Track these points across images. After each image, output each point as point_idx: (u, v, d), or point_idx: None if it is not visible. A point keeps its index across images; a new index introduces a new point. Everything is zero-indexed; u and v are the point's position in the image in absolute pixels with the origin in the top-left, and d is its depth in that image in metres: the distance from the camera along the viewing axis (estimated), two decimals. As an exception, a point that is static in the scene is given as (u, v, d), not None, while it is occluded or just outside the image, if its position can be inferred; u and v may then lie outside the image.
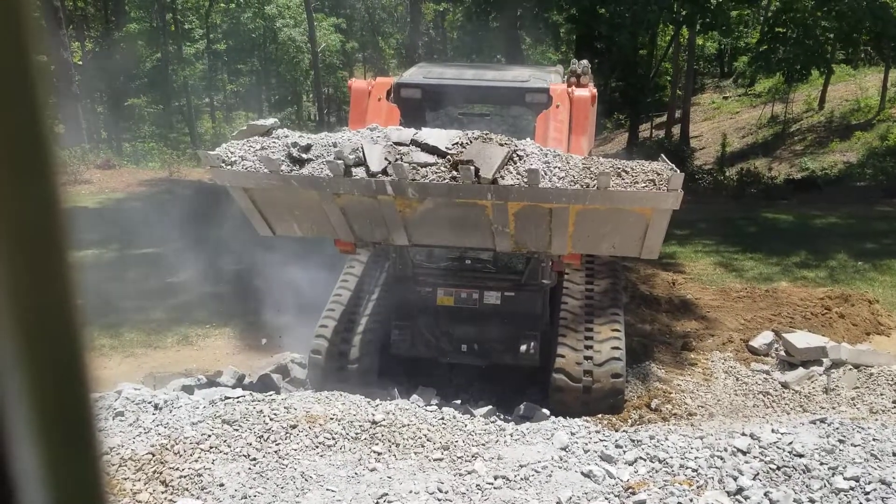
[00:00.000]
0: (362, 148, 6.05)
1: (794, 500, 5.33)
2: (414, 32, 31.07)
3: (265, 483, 5.44)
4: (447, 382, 8.64)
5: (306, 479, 5.48)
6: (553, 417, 7.18)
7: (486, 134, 6.14)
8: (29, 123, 0.66)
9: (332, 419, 6.18)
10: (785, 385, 8.60)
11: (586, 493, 5.41)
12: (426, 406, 7.00)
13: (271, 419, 6.11)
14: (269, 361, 9.05)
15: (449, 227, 6.42)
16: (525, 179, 5.80)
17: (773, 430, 6.25)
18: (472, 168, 5.80)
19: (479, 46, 24.46)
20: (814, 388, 8.56)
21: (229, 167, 6.17)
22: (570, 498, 5.33)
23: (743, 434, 6.23)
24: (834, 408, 8.01)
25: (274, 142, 6.36)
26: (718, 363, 9.04)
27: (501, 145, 5.97)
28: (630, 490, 5.50)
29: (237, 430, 5.98)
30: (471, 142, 6.01)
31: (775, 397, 8.42)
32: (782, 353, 9.18)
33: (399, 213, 6.25)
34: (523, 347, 7.56)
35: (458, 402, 8.06)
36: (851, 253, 14.09)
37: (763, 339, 9.43)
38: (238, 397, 6.84)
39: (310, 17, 30.30)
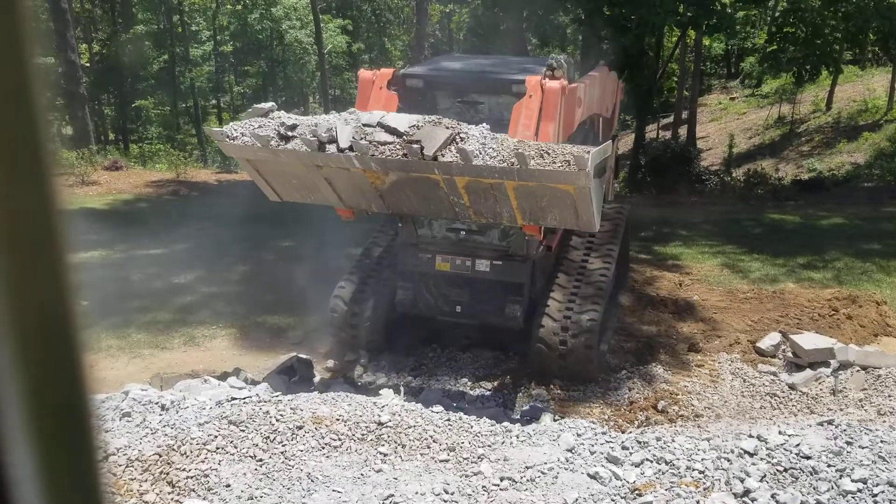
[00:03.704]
0: (336, 127, 6.95)
1: (802, 502, 5.32)
2: (420, 34, 31.03)
3: (271, 484, 5.45)
4: (453, 382, 8.66)
5: (312, 480, 5.49)
6: (559, 419, 7.18)
7: (438, 119, 6.94)
8: (27, 125, 0.66)
9: (338, 420, 6.19)
10: (792, 387, 8.56)
11: (592, 495, 5.40)
12: (432, 407, 7.01)
13: (277, 420, 6.11)
14: (276, 362, 9.06)
15: (416, 198, 7.35)
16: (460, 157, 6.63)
17: (780, 432, 6.23)
18: (418, 146, 6.62)
19: (486, 48, 24.44)
20: (821, 389, 8.53)
21: (232, 141, 7.21)
22: (577, 499, 5.32)
23: (750, 436, 6.21)
24: (841, 409, 7.97)
25: (269, 122, 7.32)
26: (725, 365, 9.01)
27: (447, 128, 6.75)
28: (636, 492, 5.49)
29: (243, 430, 5.99)
30: (424, 125, 6.83)
31: (782, 399, 8.39)
32: (789, 354, 9.15)
33: (371, 184, 7.21)
34: (507, 311, 8.47)
35: (466, 404, 8.07)
36: (859, 254, 14.02)
37: (770, 340, 9.40)
38: (244, 398, 6.85)
39: (316, 19, 30.35)
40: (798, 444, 5.94)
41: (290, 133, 7.08)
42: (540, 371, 8.46)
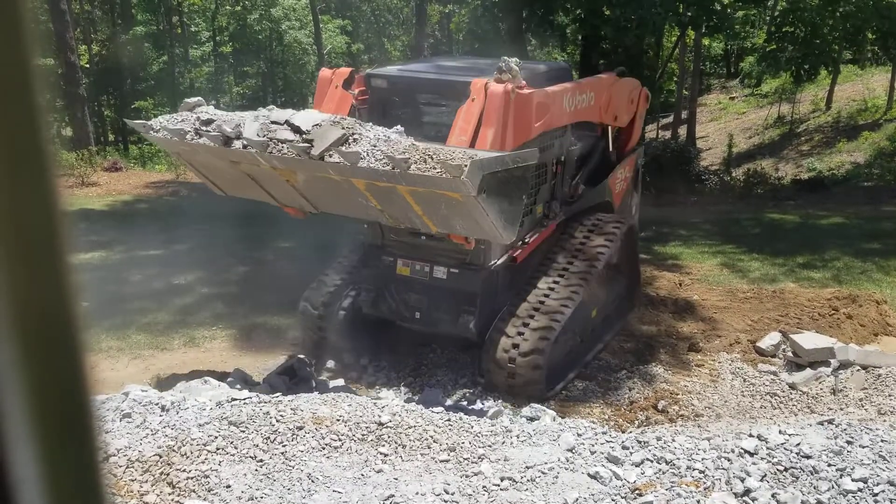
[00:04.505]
0: (243, 123, 6.93)
1: (802, 502, 5.32)
2: (419, 34, 31.04)
3: (272, 484, 5.45)
4: (453, 383, 8.66)
5: (313, 481, 5.49)
6: (559, 419, 7.18)
7: (340, 118, 6.83)
8: (28, 126, 0.66)
9: (338, 420, 6.19)
10: (792, 386, 8.57)
11: (593, 495, 5.40)
12: (432, 407, 7.00)
13: (278, 420, 6.11)
14: (276, 363, 9.06)
15: (332, 199, 7.24)
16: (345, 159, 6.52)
17: (780, 432, 6.23)
18: (306, 145, 6.54)
19: (486, 48, 24.43)
20: (821, 389, 8.53)
21: (155, 134, 7.31)
22: (577, 499, 5.32)
23: (750, 435, 6.21)
24: (842, 409, 7.98)
25: (192, 115, 7.37)
26: (725, 364, 9.01)
27: (343, 129, 6.61)
28: (637, 491, 5.48)
29: (244, 431, 5.99)
30: (323, 124, 6.73)
31: (783, 398, 8.39)
32: (790, 354, 9.15)
33: (286, 181, 7.14)
34: (461, 321, 8.19)
35: (465, 402, 8.07)
36: (858, 253, 14.03)
37: (770, 339, 9.39)
38: (245, 399, 6.85)
39: (316, 19, 30.40)
40: (798, 444, 5.94)
41: (203, 128, 7.11)
42: (488, 387, 8.19)
